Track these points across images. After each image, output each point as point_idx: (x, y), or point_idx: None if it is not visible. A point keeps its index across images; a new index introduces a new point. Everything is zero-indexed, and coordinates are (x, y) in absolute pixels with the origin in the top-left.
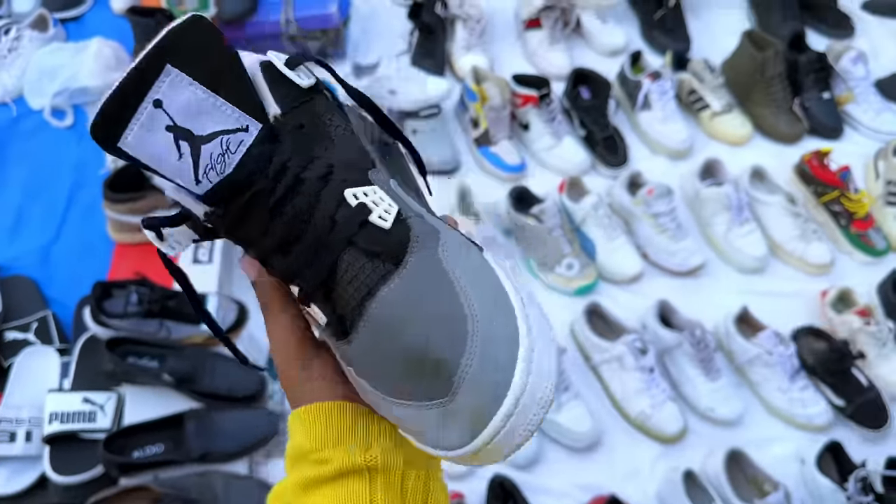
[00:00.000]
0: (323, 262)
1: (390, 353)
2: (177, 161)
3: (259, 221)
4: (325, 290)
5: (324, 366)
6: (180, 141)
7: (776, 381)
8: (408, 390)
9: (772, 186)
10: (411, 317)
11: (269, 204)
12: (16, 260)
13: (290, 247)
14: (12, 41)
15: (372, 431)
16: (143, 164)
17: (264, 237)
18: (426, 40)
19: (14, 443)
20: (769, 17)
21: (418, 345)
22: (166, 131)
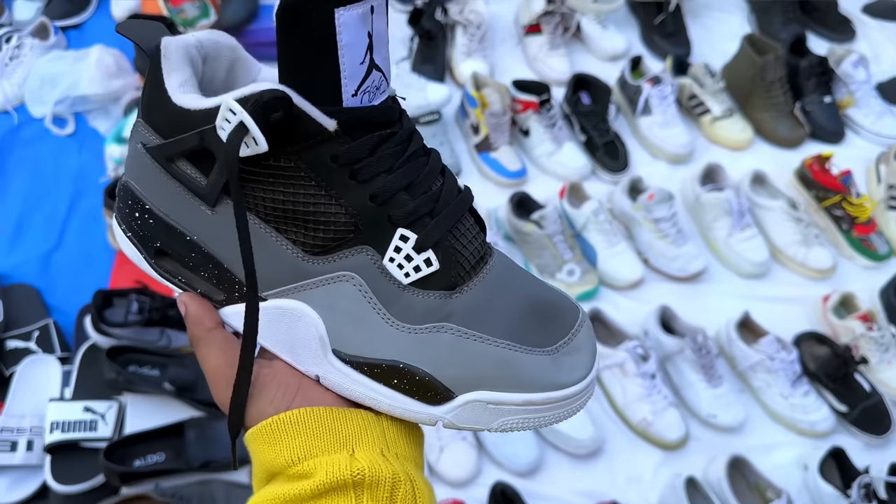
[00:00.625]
0: (454, 215)
1: (515, 301)
2: (359, 64)
3: (390, 158)
4: (441, 242)
5: (272, 378)
6: (367, 52)
7: (778, 386)
8: (526, 335)
9: (773, 191)
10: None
11: (408, 150)
12: (17, 268)
13: (418, 191)
14: (14, 49)
15: (352, 435)
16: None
17: (389, 174)
18: (426, 46)
19: (15, 452)
20: (769, 21)
21: (546, 297)
22: (366, 36)
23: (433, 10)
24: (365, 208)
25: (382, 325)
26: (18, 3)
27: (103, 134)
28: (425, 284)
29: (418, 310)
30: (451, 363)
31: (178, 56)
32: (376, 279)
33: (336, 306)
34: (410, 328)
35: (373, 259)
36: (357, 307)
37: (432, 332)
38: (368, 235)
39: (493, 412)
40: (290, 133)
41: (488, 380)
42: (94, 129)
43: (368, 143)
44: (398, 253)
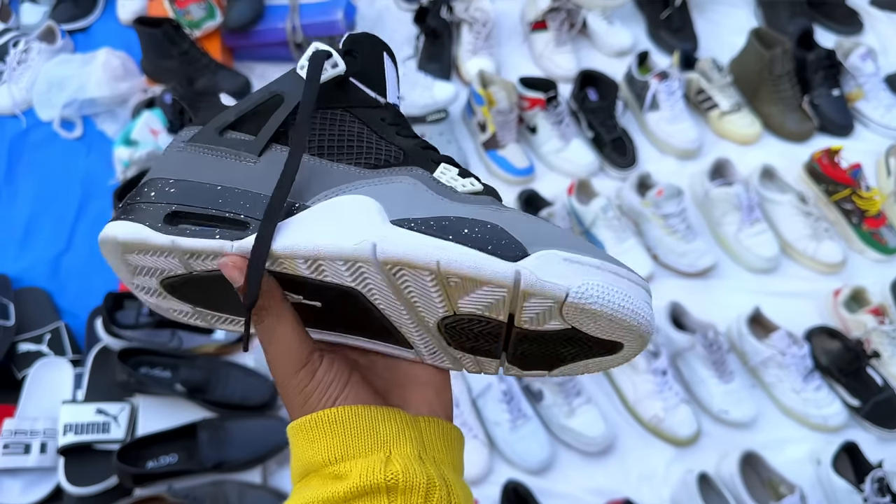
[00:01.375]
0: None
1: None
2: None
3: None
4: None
5: (329, 367)
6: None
7: (790, 381)
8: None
9: (782, 185)
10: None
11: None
12: (27, 272)
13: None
14: (21, 53)
15: (390, 437)
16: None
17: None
18: (432, 45)
19: (29, 454)
20: (776, 15)
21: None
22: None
23: (439, 8)
24: (412, 148)
25: (446, 202)
26: (25, 7)
27: (111, 137)
28: (478, 194)
29: (479, 201)
30: (522, 225)
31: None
32: (434, 183)
33: (393, 192)
34: (474, 206)
35: (426, 174)
36: (416, 191)
37: (498, 207)
38: (417, 161)
39: (573, 267)
40: (349, 94)
41: (562, 242)
42: (102, 131)
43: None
44: (445, 174)
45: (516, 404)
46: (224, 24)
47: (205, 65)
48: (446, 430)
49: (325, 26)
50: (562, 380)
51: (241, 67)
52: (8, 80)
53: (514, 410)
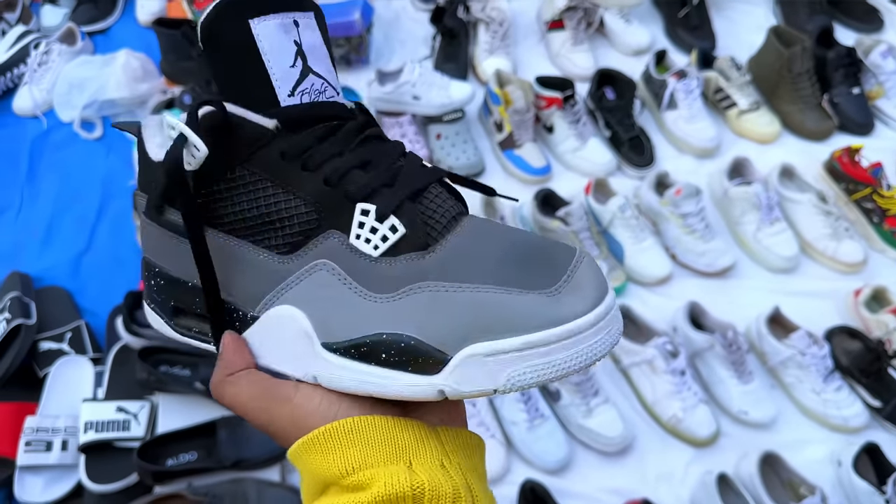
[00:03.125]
0: (416, 182)
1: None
2: (288, 67)
3: (340, 144)
4: (403, 206)
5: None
6: (298, 57)
7: (810, 382)
8: (517, 277)
9: (802, 184)
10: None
11: (359, 136)
12: (48, 271)
13: (373, 168)
14: (42, 55)
15: (410, 446)
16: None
17: (341, 156)
18: (449, 45)
19: (50, 452)
20: (795, 13)
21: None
22: (293, 44)
23: (455, 8)
24: (322, 193)
25: (361, 302)
26: (46, 10)
27: (130, 137)
28: (396, 251)
29: (392, 277)
30: (435, 321)
31: (155, 126)
32: (348, 259)
33: (315, 297)
34: (388, 297)
35: (340, 241)
36: (334, 292)
37: (410, 295)
38: (331, 219)
39: (495, 365)
40: (236, 143)
41: (479, 329)
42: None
43: (314, 134)
44: (362, 228)
45: (534, 404)
46: None
47: None
48: (466, 437)
49: (342, 27)
50: (579, 379)
51: None
52: (29, 82)
53: (532, 410)
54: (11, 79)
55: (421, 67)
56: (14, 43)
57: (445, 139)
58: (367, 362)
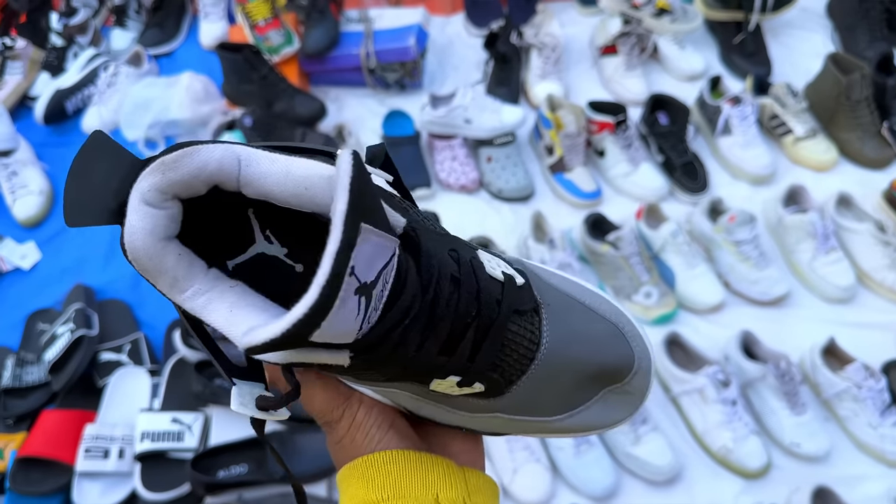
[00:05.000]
0: (495, 342)
1: (562, 386)
2: (353, 320)
3: (415, 339)
4: (485, 374)
5: (368, 411)
6: (361, 298)
7: (866, 416)
8: (578, 399)
9: (859, 213)
10: (578, 348)
11: (427, 316)
12: (110, 284)
13: (456, 345)
14: (110, 77)
15: (438, 481)
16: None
17: (419, 352)
18: (501, 70)
19: (108, 459)
20: (854, 39)
21: (595, 365)
22: (354, 295)
23: (509, 33)
24: (399, 374)
25: (439, 410)
26: (115, 33)
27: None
28: (481, 397)
29: (468, 406)
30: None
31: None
32: (427, 393)
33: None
34: (465, 414)
35: (419, 388)
36: (413, 403)
37: (484, 418)
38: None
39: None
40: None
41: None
42: None
43: (387, 349)
44: (441, 384)
45: None
46: (301, 50)
47: (283, 89)
48: (486, 480)
49: (398, 52)
50: None
51: (317, 92)
52: (98, 102)
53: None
54: (82, 99)
55: (473, 91)
56: (85, 65)
57: (496, 162)
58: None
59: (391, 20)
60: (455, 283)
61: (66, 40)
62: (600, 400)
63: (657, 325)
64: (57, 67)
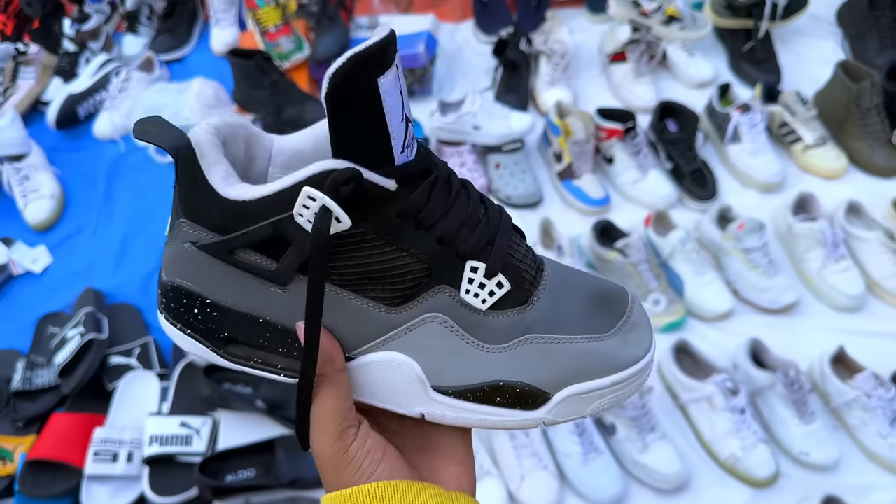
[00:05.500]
0: (506, 235)
1: (577, 299)
2: (400, 122)
3: (443, 199)
4: (507, 263)
5: (363, 443)
6: (403, 108)
7: (875, 425)
8: (595, 324)
9: (869, 222)
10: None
11: (452, 189)
12: (120, 288)
13: (474, 224)
14: (122, 82)
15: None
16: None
17: (446, 217)
18: (510, 76)
19: (116, 462)
20: (864, 47)
21: (598, 287)
22: (400, 95)
23: (518, 40)
24: (435, 251)
25: (474, 352)
26: (127, 39)
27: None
28: (502, 305)
29: (502, 330)
30: (545, 368)
31: (212, 149)
32: (458, 312)
33: (427, 346)
34: (500, 348)
35: (451, 295)
36: (447, 342)
37: (521, 346)
38: (442, 275)
39: (587, 400)
40: (358, 204)
41: (579, 373)
42: None
43: (424, 192)
44: (472, 284)
45: (588, 437)
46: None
47: (293, 95)
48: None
49: (407, 59)
50: (636, 414)
51: None
52: (109, 107)
53: (586, 443)
54: (94, 104)
55: (482, 98)
56: (97, 70)
57: (504, 168)
58: (481, 403)
59: (401, 27)
60: (464, 184)
61: (78, 46)
62: (618, 334)
63: (665, 333)
64: (69, 73)
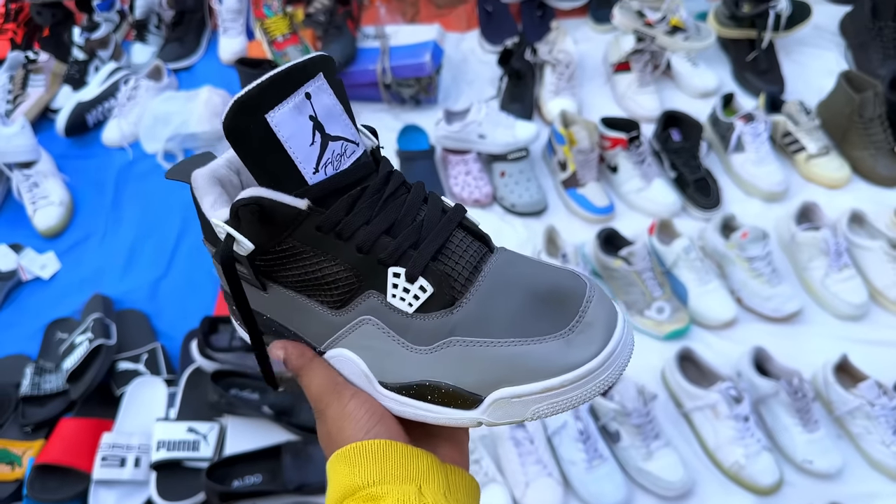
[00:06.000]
0: (437, 239)
1: (517, 299)
2: (308, 146)
3: (366, 211)
4: (428, 268)
5: (360, 403)
6: (316, 131)
7: (879, 433)
8: (531, 327)
9: (872, 231)
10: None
11: (383, 196)
12: (128, 294)
13: (400, 229)
14: (131, 90)
15: (421, 472)
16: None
17: (368, 224)
18: (515, 86)
19: (124, 467)
20: (867, 58)
21: (551, 284)
22: (308, 119)
23: (523, 50)
24: (357, 260)
25: (403, 353)
26: (136, 48)
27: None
28: (427, 308)
29: (427, 332)
30: (468, 371)
31: (204, 182)
32: (387, 315)
33: (367, 346)
34: (425, 349)
35: (379, 300)
36: (381, 342)
37: (443, 349)
38: (368, 281)
39: (521, 404)
40: (277, 224)
41: (506, 377)
42: None
43: (342, 206)
44: (396, 288)
45: (592, 444)
46: None
47: None
48: (468, 480)
49: (414, 68)
50: (640, 422)
51: None
52: (118, 115)
53: (591, 450)
54: (102, 112)
55: (487, 107)
56: (106, 79)
57: (509, 177)
58: (417, 399)
59: (407, 37)
60: (407, 188)
61: (87, 54)
62: (563, 336)
63: (670, 341)
64: (78, 81)
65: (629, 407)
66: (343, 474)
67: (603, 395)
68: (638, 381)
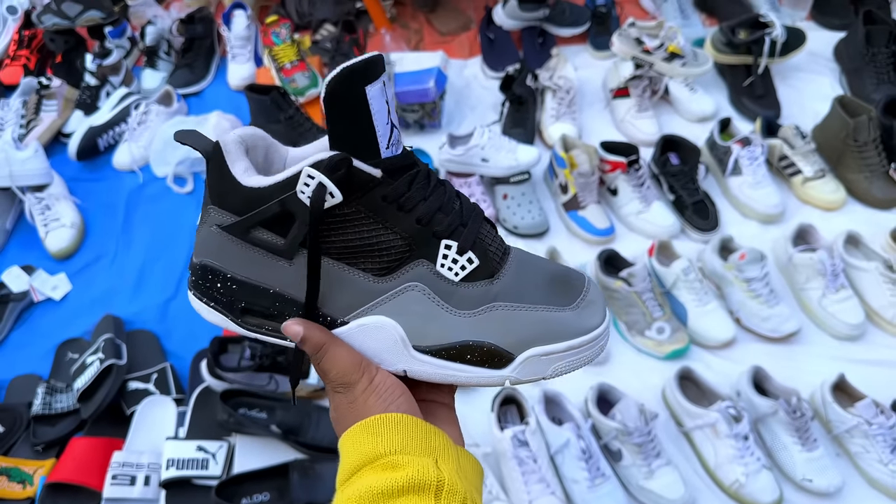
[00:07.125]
0: (477, 222)
1: (538, 277)
2: (385, 124)
3: (422, 189)
4: (476, 242)
5: (385, 376)
6: (389, 114)
7: (877, 452)
8: (554, 298)
9: (868, 253)
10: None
11: (431, 182)
12: (138, 315)
13: (448, 210)
14: (141, 115)
15: (437, 448)
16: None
17: (425, 201)
18: (517, 111)
19: (134, 486)
20: (861, 82)
21: (558, 270)
22: (385, 103)
23: (524, 76)
24: (414, 230)
25: (448, 317)
26: (146, 73)
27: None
28: (472, 278)
29: (471, 298)
30: (510, 331)
31: (236, 149)
32: (434, 283)
33: (408, 311)
34: (470, 313)
35: (428, 268)
36: (425, 307)
37: (488, 312)
38: (421, 251)
39: (546, 361)
40: (349, 186)
41: (540, 336)
42: None
43: (406, 181)
44: (446, 259)
45: (595, 463)
46: None
47: (308, 129)
48: (473, 461)
49: (418, 94)
50: (641, 441)
51: None
52: (129, 139)
53: (593, 469)
54: (113, 136)
55: (490, 132)
56: (117, 104)
57: (512, 199)
58: (454, 361)
59: (412, 63)
60: (443, 182)
61: (99, 80)
62: (576, 308)
63: (670, 361)
64: (90, 106)
65: (631, 426)
66: (364, 443)
67: (604, 414)
68: (639, 400)
